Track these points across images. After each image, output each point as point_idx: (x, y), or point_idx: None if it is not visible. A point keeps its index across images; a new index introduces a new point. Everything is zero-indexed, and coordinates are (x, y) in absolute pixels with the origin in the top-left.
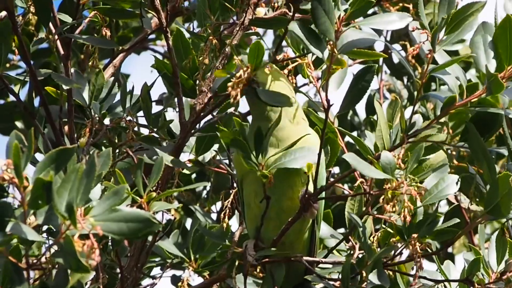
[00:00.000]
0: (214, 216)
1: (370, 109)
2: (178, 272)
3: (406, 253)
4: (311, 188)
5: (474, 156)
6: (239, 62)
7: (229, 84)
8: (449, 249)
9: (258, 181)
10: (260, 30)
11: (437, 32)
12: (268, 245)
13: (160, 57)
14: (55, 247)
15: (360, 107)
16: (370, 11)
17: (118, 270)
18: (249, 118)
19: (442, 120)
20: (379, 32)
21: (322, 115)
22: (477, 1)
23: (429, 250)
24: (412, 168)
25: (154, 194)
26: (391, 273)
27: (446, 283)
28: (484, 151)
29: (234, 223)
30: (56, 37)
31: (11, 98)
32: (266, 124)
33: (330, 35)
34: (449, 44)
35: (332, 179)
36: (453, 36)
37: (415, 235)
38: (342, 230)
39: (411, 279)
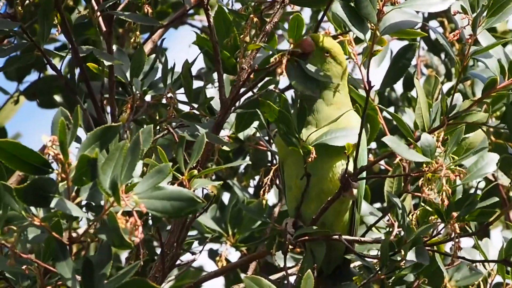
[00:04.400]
0: (251, 191)
1: (408, 85)
2: (215, 246)
3: (443, 230)
4: (351, 168)
5: None
6: (285, 35)
7: (272, 58)
8: None
9: (299, 162)
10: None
11: (478, 17)
12: (307, 225)
13: (198, 31)
14: (97, 223)
15: (398, 83)
16: None
17: (157, 245)
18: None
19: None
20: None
21: (362, 91)
22: None
23: (468, 228)
24: (452, 151)
25: (195, 171)
26: (430, 252)
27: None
28: None
29: (272, 198)
30: (99, 13)
31: (50, 71)
32: (309, 104)
33: (372, 18)
34: (490, 26)
35: (369, 155)
36: (494, 19)
37: (454, 215)
38: (378, 204)
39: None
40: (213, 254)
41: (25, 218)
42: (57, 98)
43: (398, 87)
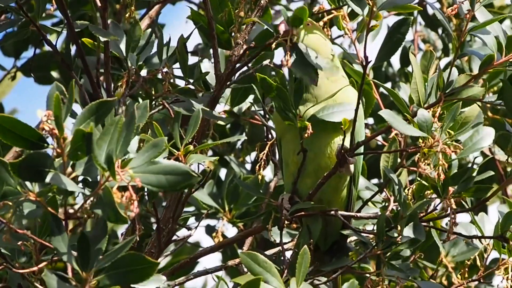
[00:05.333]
0: (248, 166)
1: (405, 60)
2: (212, 222)
3: (440, 205)
4: (348, 144)
5: (510, 115)
6: (283, 12)
7: (273, 44)
8: None
9: (297, 137)
10: None
11: None
12: (304, 200)
13: (195, 7)
14: (92, 198)
15: (395, 58)
16: None
17: (153, 220)
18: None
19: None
20: None
21: (357, 67)
22: None
23: (464, 203)
24: (448, 126)
25: (191, 146)
26: (426, 227)
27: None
28: None
29: (268, 174)
30: None
31: (47, 47)
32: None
33: None
34: (488, 1)
35: (366, 130)
36: None
37: (450, 189)
38: (375, 180)
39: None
40: (210, 230)
41: (21, 193)
42: (54, 74)
43: (395, 62)
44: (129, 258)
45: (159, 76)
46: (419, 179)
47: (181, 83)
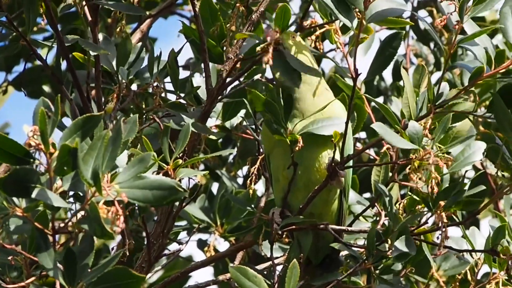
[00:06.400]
0: (240, 180)
1: (397, 74)
2: (204, 237)
3: (431, 220)
4: (338, 157)
5: (500, 127)
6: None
7: (259, 47)
8: None
9: (286, 152)
10: None
11: (465, 4)
12: (295, 214)
13: (187, 21)
14: (82, 212)
15: (387, 72)
16: None
17: (144, 234)
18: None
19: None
20: None
21: (349, 81)
22: None
23: (455, 218)
24: (439, 139)
25: (180, 161)
26: (416, 241)
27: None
28: (510, 122)
29: (260, 188)
30: (84, 3)
31: (38, 62)
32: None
33: (359, 5)
34: (477, 14)
35: (358, 144)
36: (481, 7)
37: (441, 203)
38: (367, 194)
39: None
40: (201, 244)
41: (7, 208)
42: (46, 88)
43: (388, 76)
44: (115, 273)
45: (150, 90)
46: (410, 193)
47: (172, 97)
